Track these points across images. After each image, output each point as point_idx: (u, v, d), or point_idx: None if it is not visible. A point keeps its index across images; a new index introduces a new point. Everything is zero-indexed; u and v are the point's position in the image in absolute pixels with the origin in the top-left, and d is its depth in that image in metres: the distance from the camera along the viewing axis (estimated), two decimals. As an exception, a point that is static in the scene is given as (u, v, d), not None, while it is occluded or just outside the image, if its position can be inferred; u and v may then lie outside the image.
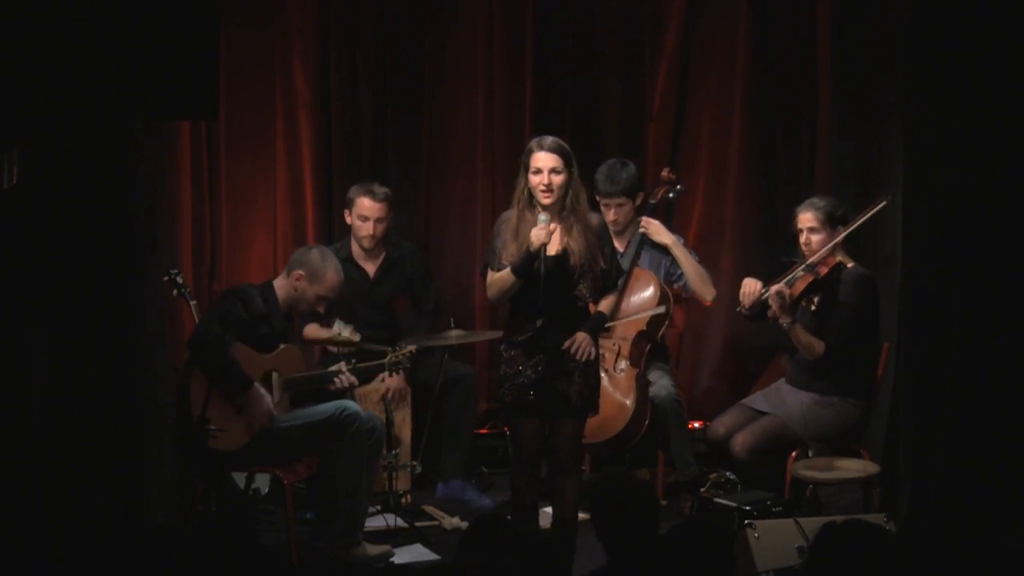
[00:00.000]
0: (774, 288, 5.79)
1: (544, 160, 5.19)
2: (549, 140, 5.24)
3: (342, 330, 6.22)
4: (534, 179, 5.20)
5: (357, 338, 6.17)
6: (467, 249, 7.09)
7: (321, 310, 5.92)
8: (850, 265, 5.87)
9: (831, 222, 5.85)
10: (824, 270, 5.80)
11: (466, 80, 7.08)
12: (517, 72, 7.07)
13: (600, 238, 5.29)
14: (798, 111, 7.07)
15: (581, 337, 5.22)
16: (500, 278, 5.23)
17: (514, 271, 5.17)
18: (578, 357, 5.21)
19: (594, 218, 5.33)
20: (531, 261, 5.15)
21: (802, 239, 5.91)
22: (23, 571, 4.78)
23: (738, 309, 6.01)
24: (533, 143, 5.25)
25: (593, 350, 5.26)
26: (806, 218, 5.90)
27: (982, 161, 5.29)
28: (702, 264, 6.44)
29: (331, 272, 5.74)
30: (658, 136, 7.14)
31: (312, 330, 6.29)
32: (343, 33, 7.00)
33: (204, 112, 5.01)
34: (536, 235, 5.12)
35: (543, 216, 5.15)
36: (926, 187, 5.41)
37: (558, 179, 5.18)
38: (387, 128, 7.11)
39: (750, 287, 5.92)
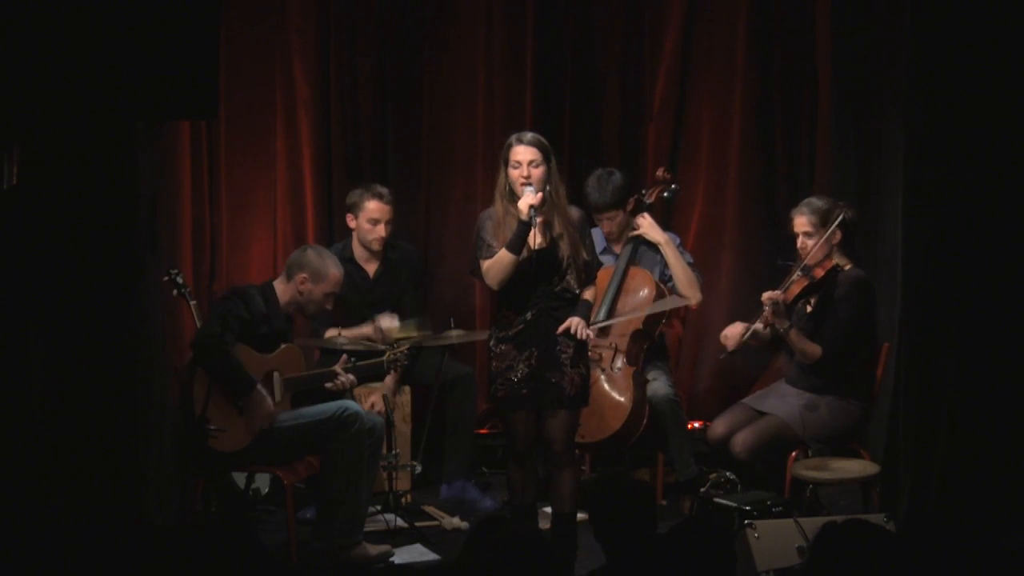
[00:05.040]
0: (767, 294, 5.79)
1: (524, 154, 5.27)
2: (528, 135, 5.35)
3: (386, 323, 6.26)
4: (514, 173, 5.29)
5: (406, 332, 6.23)
6: (467, 249, 7.03)
7: (329, 307, 5.90)
8: (847, 267, 5.87)
9: (825, 225, 5.84)
10: (820, 273, 5.81)
11: (466, 80, 7.09)
12: (517, 72, 7.07)
13: (581, 231, 5.40)
14: (798, 111, 7.07)
15: (576, 320, 5.32)
16: (497, 260, 5.28)
17: (509, 247, 5.24)
18: (578, 336, 5.29)
19: (574, 211, 5.44)
20: (524, 233, 5.22)
21: (798, 243, 5.91)
22: (24, 571, 4.78)
23: (721, 356, 6.04)
24: (512, 138, 5.35)
25: (589, 332, 5.34)
26: (800, 222, 5.90)
27: (982, 161, 5.29)
28: (696, 266, 6.45)
29: (332, 269, 5.76)
30: (658, 136, 7.14)
31: (333, 332, 6.31)
32: (343, 33, 7.01)
33: (204, 112, 5.01)
34: (524, 201, 5.22)
35: (529, 188, 5.23)
36: (926, 187, 5.41)
37: (538, 172, 5.27)
38: (387, 128, 7.11)
39: (732, 330, 5.95)
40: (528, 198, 5.23)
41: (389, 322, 6.32)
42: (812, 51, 6.96)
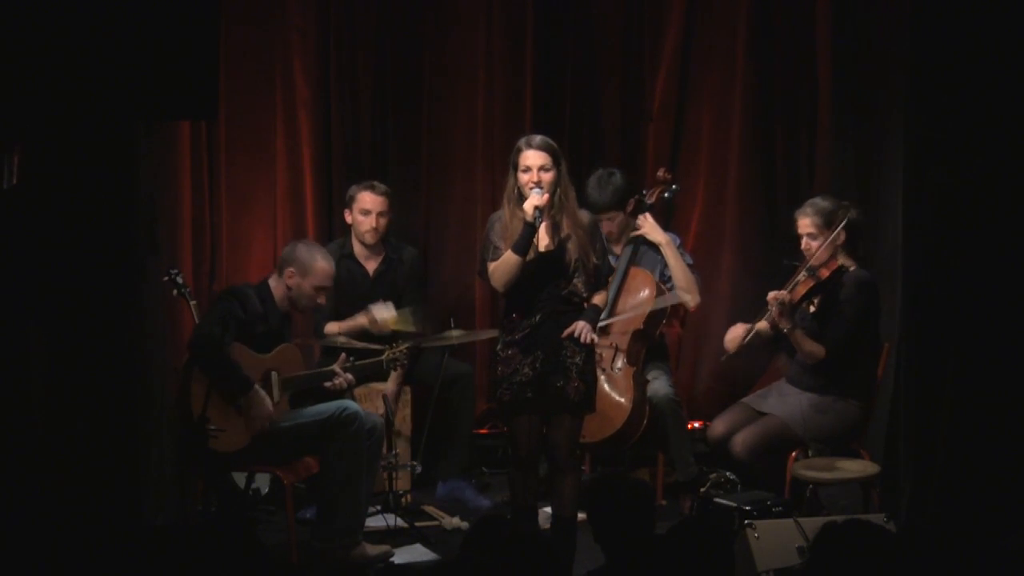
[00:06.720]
0: (773, 294, 5.79)
1: (533, 158, 5.25)
2: (538, 138, 5.31)
3: (381, 313, 6.26)
4: (523, 177, 5.26)
5: (403, 324, 6.23)
6: (467, 249, 7.08)
7: (322, 301, 5.88)
8: (852, 268, 5.87)
9: (830, 226, 5.84)
10: (826, 273, 5.81)
11: (466, 80, 7.09)
12: (517, 72, 7.07)
13: (591, 234, 5.37)
14: (798, 111, 7.08)
15: (581, 324, 5.28)
16: (503, 262, 5.25)
17: (514, 249, 5.21)
18: (583, 341, 5.25)
19: (584, 215, 5.41)
20: (529, 235, 5.20)
21: (802, 244, 5.91)
22: (23, 571, 4.78)
23: (722, 358, 6.04)
24: (522, 142, 5.32)
25: (594, 336, 5.32)
26: (804, 224, 5.90)
27: (982, 161, 5.29)
28: (696, 267, 6.45)
29: (320, 262, 5.75)
30: (658, 136, 7.15)
31: (333, 326, 6.32)
32: (343, 33, 7.00)
33: (204, 112, 5.00)
34: (530, 203, 5.19)
35: (537, 190, 5.20)
36: (926, 187, 5.41)
37: (548, 176, 5.24)
38: (387, 128, 7.11)
39: (733, 332, 5.95)
40: (534, 199, 5.20)
41: (384, 312, 6.31)
42: (812, 51, 6.96)
